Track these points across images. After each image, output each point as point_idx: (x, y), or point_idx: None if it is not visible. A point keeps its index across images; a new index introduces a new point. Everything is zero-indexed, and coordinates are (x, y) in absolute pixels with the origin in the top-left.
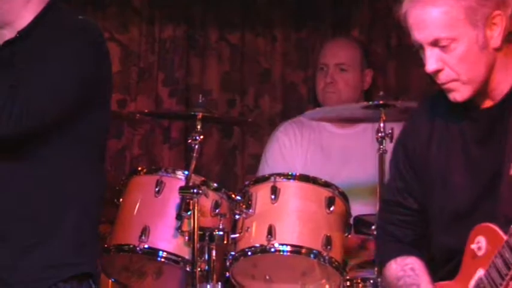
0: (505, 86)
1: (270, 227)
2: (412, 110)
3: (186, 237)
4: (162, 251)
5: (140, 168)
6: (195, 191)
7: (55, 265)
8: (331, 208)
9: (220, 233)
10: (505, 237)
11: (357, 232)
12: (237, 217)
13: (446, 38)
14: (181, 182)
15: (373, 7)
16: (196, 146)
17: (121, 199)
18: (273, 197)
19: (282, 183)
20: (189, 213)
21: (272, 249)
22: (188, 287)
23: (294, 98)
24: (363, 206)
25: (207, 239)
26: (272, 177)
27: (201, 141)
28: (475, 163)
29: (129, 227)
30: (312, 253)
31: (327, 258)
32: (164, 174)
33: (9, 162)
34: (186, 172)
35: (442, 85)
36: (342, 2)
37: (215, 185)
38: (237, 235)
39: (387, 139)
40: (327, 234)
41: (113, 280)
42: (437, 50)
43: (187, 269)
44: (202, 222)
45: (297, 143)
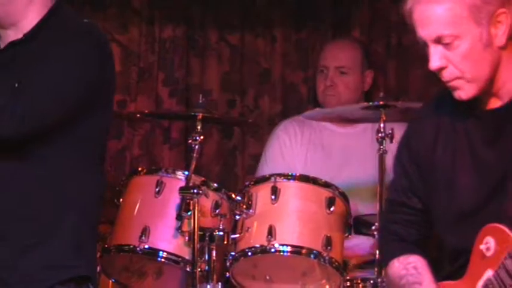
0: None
1: (270, 228)
2: (416, 111)
3: (186, 238)
4: (162, 251)
5: (140, 168)
6: (195, 191)
7: (54, 266)
8: (332, 208)
9: (221, 233)
10: None
11: (356, 232)
12: (237, 217)
13: (450, 35)
14: (182, 183)
15: (373, 7)
16: (197, 147)
17: (121, 199)
18: (273, 197)
19: (282, 184)
20: (189, 213)
21: (272, 250)
22: (188, 287)
23: (293, 99)
24: (363, 206)
25: (207, 239)
26: (272, 178)
27: (201, 142)
28: (483, 164)
29: (129, 227)
30: (312, 253)
31: (327, 258)
32: (164, 174)
33: (10, 162)
34: (186, 172)
35: (446, 83)
36: (342, 2)
37: (215, 185)
38: (237, 235)
39: (387, 139)
40: (327, 235)
41: (113, 280)
42: (441, 48)
43: (187, 269)
44: (203, 223)
45: (297, 141)
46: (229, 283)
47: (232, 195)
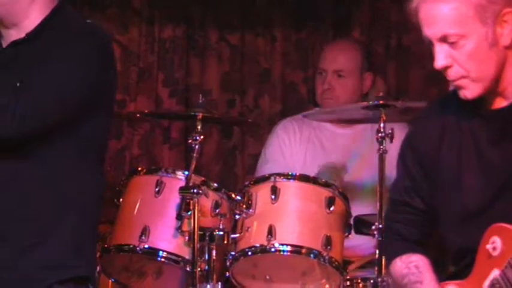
0: None
1: (270, 227)
2: (419, 111)
3: (186, 237)
4: (162, 251)
5: (140, 168)
6: (195, 191)
7: (54, 266)
8: (331, 208)
9: (221, 233)
10: None
11: (357, 232)
12: (237, 217)
13: (455, 35)
14: (182, 182)
15: (374, 7)
16: (197, 146)
17: (121, 199)
18: (273, 197)
19: (282, 183)
20: (189, 213)
21: (272, 249)
22: (188, 287)
23: (293, 98)
24: (363, 206)
25: (207, 239)
26: (272, 177)
27: (201, 142)
28: (489, 164)
29: (129, 227)
30: (312, 253)
31: (327, 258)
32: (164, 174)
33: (10, 161)
34: (186, 172)
35: (452, 82)
36: (342, 2)
37: (215, 185)
38: (237, 235)
39: (387, 139)
40: (327, 234)
41: (113, 280)
42: (446, 47)
43: (187, 269)
44: (203, 222)
45: (296, 140)
46: (229, 283)
47: (232, 195)
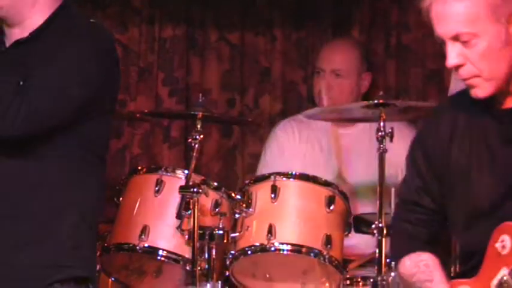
0: None
1: (270, 226)
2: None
3: (186, 236)
4: (162, 249)
5: (140, 167)
6: (195, 190)
7: (52, 265)
8: (331, 207)
9: (220, 232)
10: None
11: (357, 231)
12: (237, 216)
13: (468, 34)
14: (181, 181)
15: (373, 7)
16: (196, 146)
17: (121, 198)
18: (273, 196)
19: (282, 182)
20: (189, 212)
21: (272, 248)
22: (188, 286)
23: (293, 97)
24: (363, 205)
25: (207, 238)
26: (272, 176)
27: (201, 141)
28: (499, 162)
29: (129, 226)
30: (312, 252)
31: (327, 257)
32: (164, 173)
33: (11, 161)
34: (186, 171)
35: (464, 81)
36: (342, 2)
37: (215, 184)
38: (237, 234)
39: (387, 138)
40: (327, 233)
41: (112, 279)
42: (458, 45)
43: (187, 268)
44: (202, 221)
45: (295, 140)
46: (229, 282)
47: (232, 194)
